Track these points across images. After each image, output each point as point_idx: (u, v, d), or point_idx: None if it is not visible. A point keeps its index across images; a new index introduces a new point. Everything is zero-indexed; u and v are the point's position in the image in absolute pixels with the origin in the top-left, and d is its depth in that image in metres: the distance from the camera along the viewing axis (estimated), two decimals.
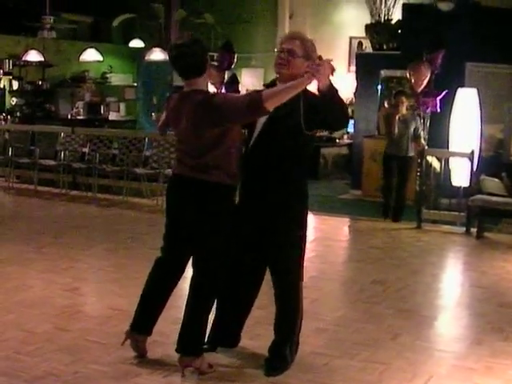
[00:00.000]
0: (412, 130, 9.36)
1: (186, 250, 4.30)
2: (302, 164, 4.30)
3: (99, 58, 16.03)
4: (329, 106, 3.96)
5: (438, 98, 10.08)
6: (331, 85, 3.91)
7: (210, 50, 4.12)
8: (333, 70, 3.92)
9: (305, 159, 4.33)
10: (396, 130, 9.33)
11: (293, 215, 4.26)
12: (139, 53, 15.01)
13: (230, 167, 4.15)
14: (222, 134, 4.09)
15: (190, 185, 4.15)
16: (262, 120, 4.18)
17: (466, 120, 9.83)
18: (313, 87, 4.02)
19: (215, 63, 10.38)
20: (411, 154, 9.46)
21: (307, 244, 4.39)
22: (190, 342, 4.19)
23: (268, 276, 4.41)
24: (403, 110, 9.42)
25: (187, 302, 4.21)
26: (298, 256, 4.33)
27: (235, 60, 10.95)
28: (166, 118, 4.46)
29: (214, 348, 4.51)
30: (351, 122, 12.12)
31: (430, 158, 9.78)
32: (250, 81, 16.16)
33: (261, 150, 4.21)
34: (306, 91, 4.10)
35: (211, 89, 8.91)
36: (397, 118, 9.36)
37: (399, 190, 9.55)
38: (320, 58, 4.00)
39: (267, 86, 4.35)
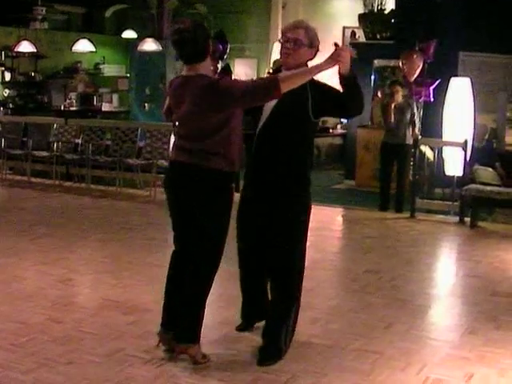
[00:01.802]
0: (408, 117, 9.35)
1: (191, 237, 4.26)
2: (307, 151, 4.35)
3: (92, 48, 15.97)
4: (351, 90, 4.07)
5: (431, 88, 10.09)
6: (352, 69, 4.01)
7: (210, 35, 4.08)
8: (351, 54, 4.04)
9: (310, 147, 4.39)
10: (393, 119, 9.33)
11: (297, 203, 4.30)
12: (132, 43, 14.97)
13: (229, 154, 4.11)
14: (224, 120, 4.06)
15: (188, 171, 4.12)
16: (268, 109, 4.21)
17: (460, 109, 9.82)
18: (318, 76, 4.08)
19: None
20: (409, 141, 9.42)
21: None
22: (185, 329, 4.18)
23: None
24: (399, 98, 9.41)
25: (183, 288, 4.19)
26: (302, 238, 4.41)
27: (228, 50, 10.92)
28: (170, 103, 4.42)
29: (250, 325, 4.67)
30: None
31: (423, 148, 9.77)
32: (243, 71, 16.13)
33: (267, 139, 4.23)
34: (312, 80, 4.13)
35: None
36: (393, 106, 9.35)
37: (400, 180, 9.52)
38: (336, 44, 4.03)
39: (273, 73, 4.43)
